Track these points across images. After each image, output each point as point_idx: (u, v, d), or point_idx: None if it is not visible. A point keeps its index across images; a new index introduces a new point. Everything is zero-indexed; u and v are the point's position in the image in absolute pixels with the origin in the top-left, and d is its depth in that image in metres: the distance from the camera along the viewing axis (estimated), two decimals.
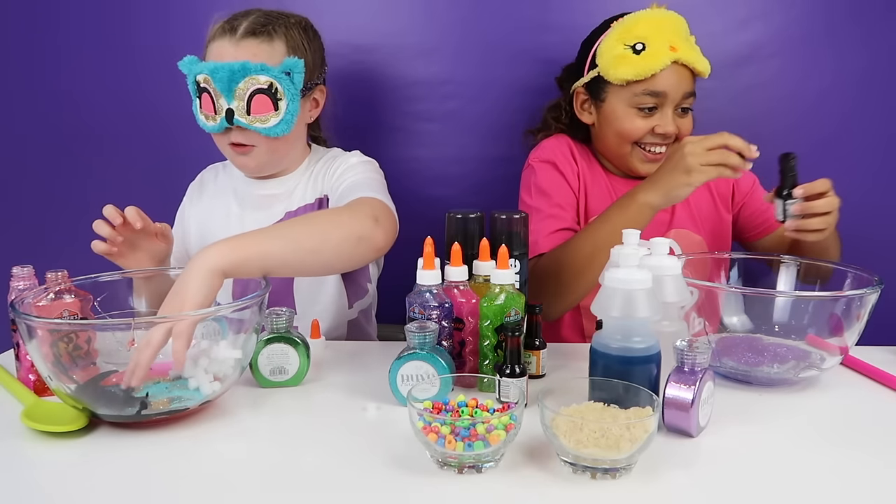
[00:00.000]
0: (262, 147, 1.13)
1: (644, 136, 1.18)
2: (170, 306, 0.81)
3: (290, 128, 1.11)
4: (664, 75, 1.13)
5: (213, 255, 0.84)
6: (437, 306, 0.86)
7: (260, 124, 1.08)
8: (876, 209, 1.41)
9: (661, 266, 0.84)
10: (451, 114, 1.44)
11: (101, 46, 1.46)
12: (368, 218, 0.98)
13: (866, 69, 1.37)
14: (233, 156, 1.15)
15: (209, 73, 1.06)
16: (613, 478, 0.66)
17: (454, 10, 1.41)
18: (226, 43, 1.09)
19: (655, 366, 0.77)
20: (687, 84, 1.16)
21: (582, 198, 1.25)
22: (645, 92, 1.15)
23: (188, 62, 1.10)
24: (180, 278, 0.83)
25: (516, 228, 0.95)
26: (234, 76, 1.06)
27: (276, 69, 1.07)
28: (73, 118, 1.50)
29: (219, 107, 1.08)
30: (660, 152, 1.19)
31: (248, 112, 1.08)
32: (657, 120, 1.16)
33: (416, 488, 0.65)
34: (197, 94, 1.10)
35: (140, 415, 0.76)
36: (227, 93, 1.07)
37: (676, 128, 1.17)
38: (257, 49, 1.08)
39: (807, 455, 0.72)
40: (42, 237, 1.55)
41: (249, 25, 1.09)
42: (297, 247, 0.93)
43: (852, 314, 0.87)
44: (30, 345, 0.76)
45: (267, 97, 1.08)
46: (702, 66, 1.15)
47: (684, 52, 1.13)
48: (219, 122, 1.09)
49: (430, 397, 0.76)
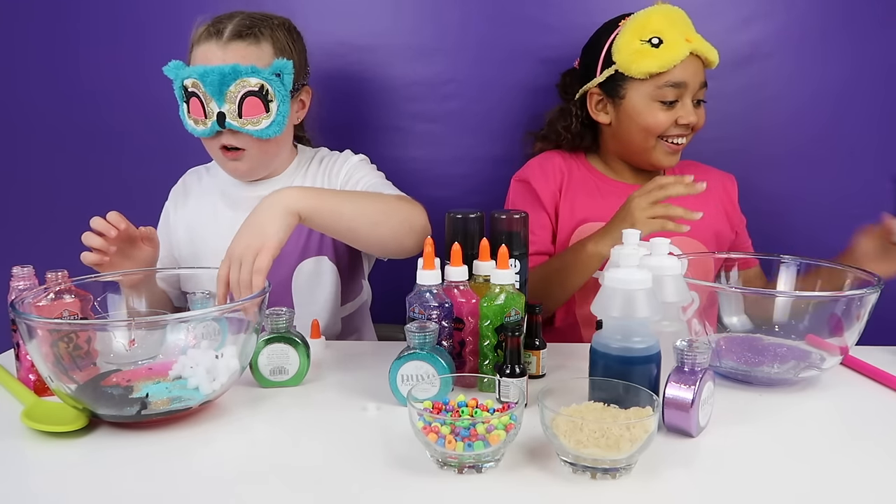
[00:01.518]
0: (254, 150, 1.12)
1: (668, 128, 1.20)
2: (247, 239, 0.86)
3: (282, 129, 1.11)
4: (683, 66, 1.16)
5: (293, 196, 0.91)
6: (437, 306, 0.86)
7: (252, 126, 1.08)
8: (876, 209, 1.41)
9: (661, 266, 0.84)
10: (451, 114, 1.44)
11: (103, 46, 1.46)
12: (423, 213, 1.06)
13: (866, 69, 1.37)
14: (223, 161, 1.15)
15: (198, 76, 1.06)
16: (613, 478, 0.66)
17: (454, 10, 1.41)
18: (213, 46, 1.08)
19: (655, 366, 0.77)
20: (702, 74, 1.19)
21: (570, 201, 1.25)
22: (667, 84, 1.17)
23: (174, 67, 1.09)
24: (254, 215, 0.89)
25: (516, 228, 0.95)
26: (224, 79, 1.05)
27: (267, 71, 1.07)
28: (74, 118, 1.49)
29: (209, 110, 1.07)
30: (682, 143, 1.22)
31: (240, 115, 1.07)
32: (679, 111, 1.19)
33: (416, 488, 0.65)
34: (184, 98, 1.09)
35: (140, 415, 0.76)
36: (218, 96, 1.06)
37: (696, 118, 1.20)
38: (245, 51, 1.08)
39: (807, 455, 0.72)
40: (42, 237, 1.54)
41: (235, 28, 1.08)
42: (364, 215, 0.99)
43: (852, 314, 0.87)
44: (30, 345, 0.76)
45: (258, 99, 1.07)
46: (713, 56, 1.19)
47: (698, 43, 1.17)
48: (209, 125, 1.08)
49: (430, 397, 0.76)
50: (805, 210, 1.41)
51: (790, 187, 1.41)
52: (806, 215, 1.41)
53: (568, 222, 1.25)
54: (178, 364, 0.81)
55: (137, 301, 0.97)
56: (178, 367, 0.80)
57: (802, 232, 1.33)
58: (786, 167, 1.42)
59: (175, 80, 1.10)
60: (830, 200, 1.41)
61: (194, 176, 1.29)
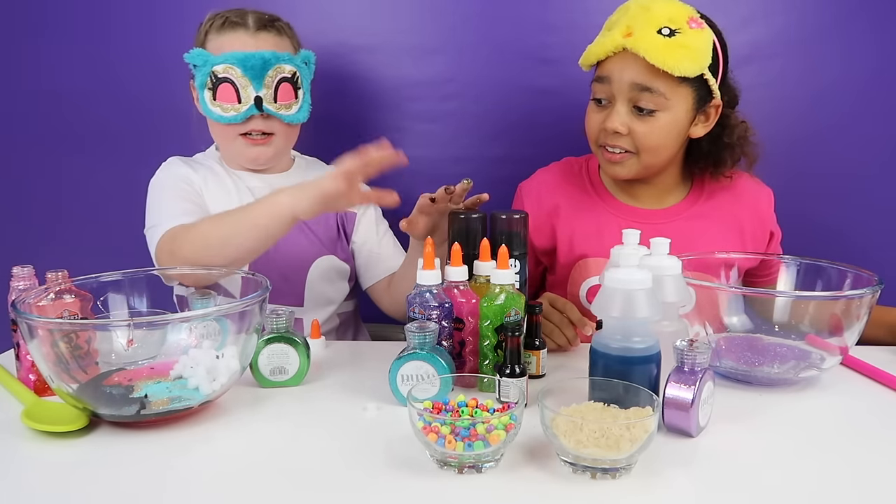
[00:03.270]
0: (280, 136, 1.17)
1: (599, 134, 1.10)
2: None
3: (308, 115, 1.17)
4: (612, 61, 1.05)
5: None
6: (437, 306, 0.86)
7: (285, 111, 1.14)
8: (876, 209, 1.41)
9: (661, 266, 0.84)
10: (451, 114, 1.44)
11: (106, 46, 1.45)
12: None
13: (866, 70, 1.37)
14: (244, 147, 1.16)
15: (237, 62, 1.09)
16: (613, 478, 0.66)
17: (455, 10, 1.41)
18: (241, 34, 1.11)
19: (655, 366, 0.77)
20: (639, 76, 1.03)
21: (569, 231, 1.19)
22: (595, 77, 1.09)
23: (198, 54, 1.11)
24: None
25: (516, 228, 0.95)
26: (266, 64, 1.10)
27: (298, 58, 1.14)
28: (74, 118, 1.49)
29: (245, 95, 1.10)
30: (616, 154, 1.08)
31: (275, 100, 1.12)
32: (606, 113, 1.08)
33: (416, 488, 0.65)
34: (211, 85, 1.10)
35: (139, 415, 0.76)
36: (258, 81, 1.10)
37: (625, 126, 1.05)
38: (275, 41, 1.13)
39: (807, 455, 0.72)
40: (42, 237, 1.54)
41: (258, 20, 1.13)
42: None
43: (852, 314, 0.87)
44: (31, 344, 0.76)
45: (290, 85, 1.14)
46: (658, 59, 1.00)
47: (637, 41, 1.01)
48: (242, 111, 1.11)
49: (430, 397, 0.76)
50: (805, 210, 1.41)
51: (790, 187, 1.41)
52: (806, 215, 1.41)
53: (567, 255, 1.19)
54: (179, 364, 0.81)
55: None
56: (179, 366, 0.80)
57: (802, 232, 1.33)
58: (785, 167, 1.41)
59: (201, 67, 1.11)
60: (830, 200, 1.41)
61: (200, 165, 1.22)
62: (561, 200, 1.21)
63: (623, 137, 1.07)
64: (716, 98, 1.09)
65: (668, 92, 1.04)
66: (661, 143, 1.08)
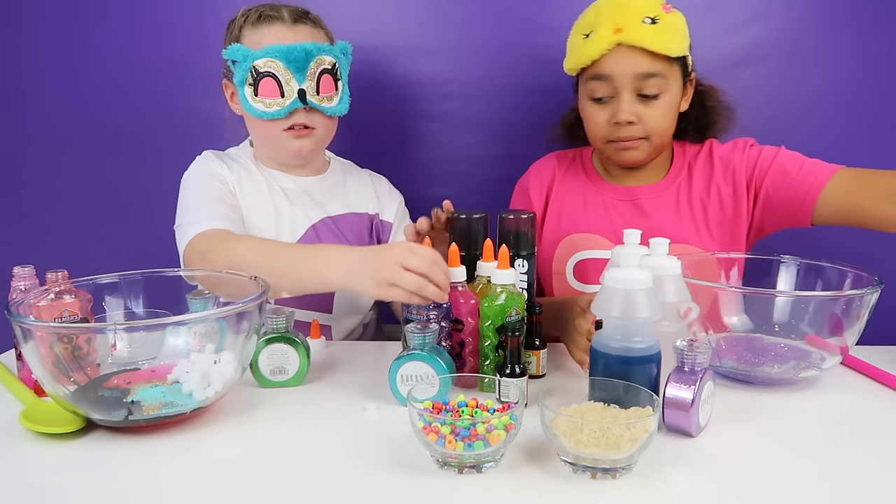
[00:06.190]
0: (321, 128, 1.15)
1: (607, 131, 1.12)
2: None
3: (348, 108, 1.16)
4: (609, 58, 1.07)
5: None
6: (436, 307, 0.86)
7: (327, 103, 1.13)
8: None
9: (661, 266, 0.84)
10: (451, 114, 1.44)
11: (110, 44, 1.46)
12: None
13: (864, 70, 1.37)
14: (288, 140, 1.13)
15: (280, 55, 1.07)
16: (613, 478, 0.66)
17: (455, 10, 1.41)
18: (280, 27, 1.10)
19: (655, 366, 0.77)
20: (640, 65, 1.07)
21: (557, 209, 1.23)
22: (592, 77, 1.10)
23: (238, 49, 1.09)
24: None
25: (524, 228, 0.95)
26: (308, 56, 1.08)
27: (336, 49, 1.13)
28: (74, 118, 1.49)
29: (289, 89, 1.09)
30: (628, 136, 1.11)
31: (317, 92, 1.11)
32: (614, 108, 1.10)
33: (416, 488, 0.65)
34: (252, 80, 1.09)
35: (127, 420, 0.75)
36: (300, 73, 1.08)
37: (635, 115, 1.09)
38: (312, 32, 1.12)
39: (807, 455, 0.72)
40: (43, 237, 1.55)
41: (292, 12, 1.12)
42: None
43: (852, 314, 0.87)
44: (25, 347, 0.75)
45: (331, 77, 1.12)
46: (656, 45, 1.05)
47: (631, 34, 1.05)
48: (287, 104, 1.09)
49: (429, 397, 0.76)
50: None
51: None
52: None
53: (554, 231, 1.22)
54: (177, 367, 0.80)
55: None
56: (178, 370, 0.80)
57: (802, 232, 1.32)
58: None
59: (241, 63, 1.09)
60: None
61: (235, 162, 1.21)
62: (555, 181, 1.26)
63: (634, 127, 1.11)
64: (694, 71, 1.16)
65: (667, 73, 1.09)
66: (668, 123, 1.14)
